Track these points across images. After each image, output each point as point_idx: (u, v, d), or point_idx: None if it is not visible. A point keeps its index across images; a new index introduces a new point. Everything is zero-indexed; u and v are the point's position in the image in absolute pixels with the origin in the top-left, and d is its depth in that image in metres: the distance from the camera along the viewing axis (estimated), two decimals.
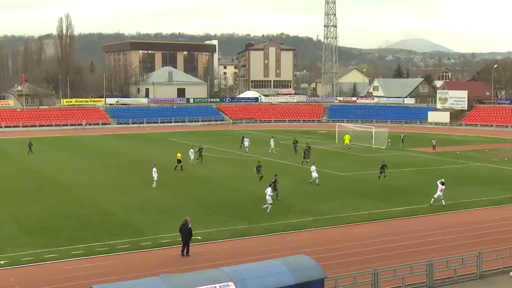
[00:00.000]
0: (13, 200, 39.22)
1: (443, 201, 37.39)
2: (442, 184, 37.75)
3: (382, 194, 41.29)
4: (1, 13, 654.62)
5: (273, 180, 39.91)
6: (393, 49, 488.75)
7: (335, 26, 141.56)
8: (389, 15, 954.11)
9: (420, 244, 28.54)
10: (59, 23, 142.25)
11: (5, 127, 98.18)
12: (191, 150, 56.02)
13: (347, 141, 71.38)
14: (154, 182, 43.51)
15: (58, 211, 35.70)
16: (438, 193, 37.31)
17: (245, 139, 67.68)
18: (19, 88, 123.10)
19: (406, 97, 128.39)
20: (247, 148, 65.95)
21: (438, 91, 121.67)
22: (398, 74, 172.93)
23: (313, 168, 45.82)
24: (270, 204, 35.29)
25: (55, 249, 27.54)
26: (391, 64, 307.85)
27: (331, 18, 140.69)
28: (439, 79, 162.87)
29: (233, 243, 29.15)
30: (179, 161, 51.97)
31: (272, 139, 66.84)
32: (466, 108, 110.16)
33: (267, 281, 17.82)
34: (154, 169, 44.18)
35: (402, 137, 74.44)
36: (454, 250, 26.65)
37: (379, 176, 47.71)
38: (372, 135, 73.72)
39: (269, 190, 36.04)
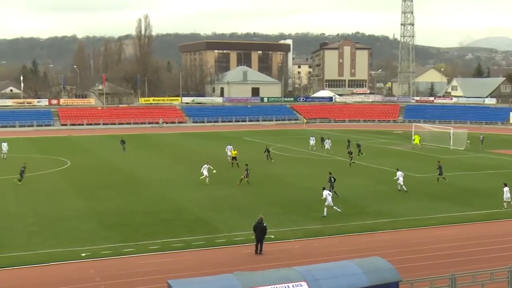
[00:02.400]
0: (94, 195, 40.60)
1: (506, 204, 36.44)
2: (505, 185, 36.86)
3: (460, 197, 40.09)
4: (83, 15, 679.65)
5: (330, 178, 39.79)
6: (473, 47, 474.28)
7: (412, 25, 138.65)
8: (469, 12, 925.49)
9: (501, 250, 27.50)
10: (138, 24, 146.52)
11: (87, 124, 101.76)
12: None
13: (416, 141, 70.26)
14: (207, 178, 44.28)
15: (135, 206, 36.68)
16: (507, 194, 36.29)
17: (326, 140, 66.65)
18: (100, 87, 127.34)
19: (486, 97, 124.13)
20: (329, 150, 64.67)
21: None
22: (478, 73, 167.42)
23: (399, 173, 42.70)
24: (332, 206, 34.25)
25: (132, 243, 28.30)
26: (470, 63, 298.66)
27: (408, 16, 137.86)
28: None
29: (306, 242, 29.05)
30: (234, 158, 53.45)
31: (327, 140, 65.66)
32: None
33: (340, 282, 17.61)
34: (205, 166, 45.12)
35: (481, 138, 72.04)
36: None
37: (438, 178, 45.82)
38: (450, 136, 71.73)
39: (325, 193, 34.63)
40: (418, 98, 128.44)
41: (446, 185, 44.44)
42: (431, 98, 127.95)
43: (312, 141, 67.83)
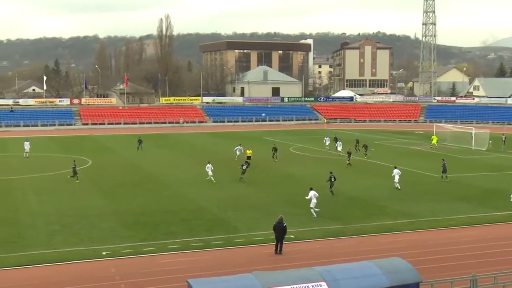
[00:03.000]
0: (114, 194, 40.94)
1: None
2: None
3: (481, 198, 39.69)
4: (104, 15, 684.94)
5: (330, 177, 40.42)
6: (495, 47, 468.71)
7: (434, 24, 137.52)
8: (492, 11, 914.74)
9: None
10: (159, 24, 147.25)
11: (108, 124, 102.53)
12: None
13: (434, 141, 70.20)
14: (211, 177, 44.83)
15: (155, 205, 36.90)
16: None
17: (338, 142, 66.56)
18: (121, 86, 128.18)
19: (509, 97, 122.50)
20: (340, 151, 64.89)
21: None
22: (501, 73, 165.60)
23: (395, 171, 43.23)
24: (312, 208, 34.07)
25: (152, 242, 28.48)
26: (493, 62, 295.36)
27: (430, 15, 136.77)
28: None
29: (326, 243, 28.99)
30: (249, 157, 53.51)
31: (339, 142, 65.27)
32: None
33: (360, 282, 17.55)
34: (208, 165, 45.68)
35: (503, 139, 71.22)
36: None
37: (442, 176, 46.67)
38: (472, 137, 71.06)
39: (312, 194, 34.53)
40: (439, 98, 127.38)
41: (468, 186, 43.99)
42: (453, 98, 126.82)
43: (327, 142, 67.88)
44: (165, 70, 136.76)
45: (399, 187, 42.20)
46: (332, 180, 40.49)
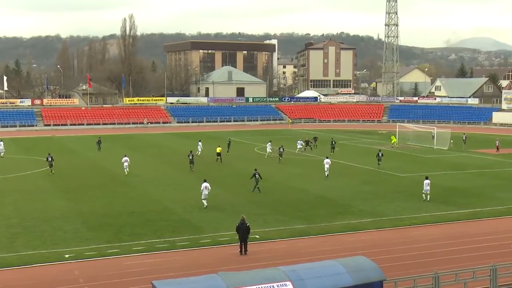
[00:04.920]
0: (78, 195, 40.39)
1: (428, 195, 38.57)
2: (426, 178, 39.16)
3: (443, 196, 40.39)
4: (67, 15, 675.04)
5: (254, 174, 41.41)
6: (456, 48, 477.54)
7: (397, 25, 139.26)
8: (453, 12, 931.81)
9: (483, 248, 27.81)
10: (123, 24, 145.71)
11: (71, 125, 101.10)
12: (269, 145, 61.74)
13: (393, 141, 71.54)
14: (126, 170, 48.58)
15: (120, 207, 36.57)
16: (426, 187, 38.55)
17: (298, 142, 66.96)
18: (84, 87, 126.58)
19: (469, 97, 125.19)
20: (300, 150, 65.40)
21: (503, 91, 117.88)
22: (462, 73, 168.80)
23: (326, 161, 48.76)
24: (203, 199, 36.19)
25: (117, 244, 28.22)
26: (454, 63, 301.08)
27: (393, 16, 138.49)
28: (504, 79, 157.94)
29: (291, 242, 29.14)
30: (218, 154, 57.08)
31: (269, 143, 63.84)
32: None
33: (325, 281, 17.70)
34: (125, 158, 49.62)
35: (464, 138, 72.59)
36: None
37: (379, 164, 53.04)
38: (433, 136, 72.29)
39: (204, 185, 36.35)
40: (402, 98, 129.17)
41: (431, 185, 44.63)
42: (415, 98, 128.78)
43: (299, 145, 67.39)
44: (129, 70, 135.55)
45: (326, 175, 47.66)
46: (257, 177, 41.31)
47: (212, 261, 25.84)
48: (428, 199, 38.35)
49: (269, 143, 62.41)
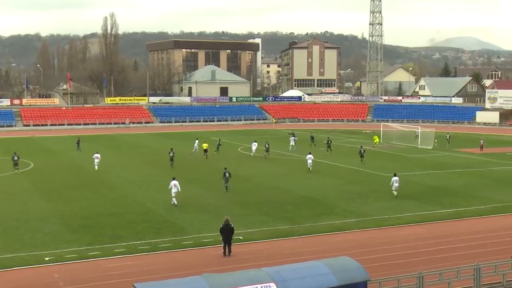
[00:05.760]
0: (58, 196, 40.07)
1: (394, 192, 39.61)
2: (395, 175, 40.21)
3: (428, 196, 40.66)
4: (46, 13, 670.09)
5: (224, 173, 41.76)
6: (440, 47, 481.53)
7: (381, 24, 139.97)
8: (437, 12, 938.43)
9: (467, 248, 28.02)
10: (104, 22, 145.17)
11: (51, 125, 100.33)
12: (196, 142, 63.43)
13: (376, 140, 72.06)
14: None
15: (101, 208, 36.33)
16: (395, 184, 39.67)
17: (292, 137, 68.11)
18: (64, 86, 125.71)
19: (453, 96, 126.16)
20: (293, 147, 66.00)
21: (487, 90, 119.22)
22: (446, 73, 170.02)
23: (308, 156, 51.23)
24: (172, 197, 36.75)
25: (98, 246, 28.02)
26: (438, 62, 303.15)
27: (377, 16, 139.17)
28: (488, 78, 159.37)
29: (275, 243, 29.14)
30: (205, 150, 59.39)
31: (255, 143, 63.19)
32: None
33: (309, 282, 17.72)
34: (96, 155, 51.59)
35: (448, 137, 73.16)
36: (503, 254, 25.99)
37: (361, 160, 55.09)
38: (418, 135, 72.74)
39: (172, 183, 36.94)
40: (386, 97, 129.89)
41: (415, 185, 44.98)
42: (399, 98, 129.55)
43: (292, 141, 68.05)
44: (110, 70, 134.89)
45: (309, 168, 50.33)
46: (227, 176, 41.51)
47: (195, 262, 25.76)
48: (396, 196, 39.48)
49: (255, 142, 62.51)
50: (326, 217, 34.17)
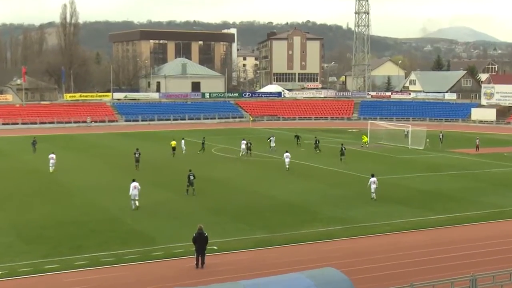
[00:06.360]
0: (11, 204, 39.63)
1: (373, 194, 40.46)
2: (372, 176, 41.19)
3: (419, 201, 41.00)
4: None
5: (189, 176, 42.17)
6: (432, 38, 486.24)
7: (368, 13, 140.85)
8: (428, 0, 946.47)
9: (463, 257, 28.27)
10: (63, 10, 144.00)
11: (3, 124, 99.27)
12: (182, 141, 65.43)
13: (364, 140, 73.00)
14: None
15: (60, 216, 36.01)
16: (373, 185, 40.48)
17: (271, 138, 68.31)
18: (18, 81, 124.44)
19: (446, 92, 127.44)
20: (273, 148, 66.12)
21: (483, 85, 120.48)
22: (438, 66, 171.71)
23: (285, 155, 53.48)
24: (133, 200, 37.48)
25: (56, 258, 27.76)
26: (429, 55, 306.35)
27: (363, 4, 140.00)
28: (484, 72, 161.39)
29: (253, 253, 29.15)
30: (174, 148, 62.38)
31: (243, 141, 64.35)
32: None
33: None
34: (52, 155, 52.37)
35: (441, 137, 73.81)
36: (500, 264, 26.33)
37: (341, 159, 57.31)
38: (408, 135, 73.26)
39: (133, 185, 37.65)
40: (374, 93, 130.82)
41: (405, 188, 45.32)
42: (388, 93, 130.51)
43: (272, 142, 68.23)
44: (70, 63, 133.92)
45: (287, 167, 52.34)
46: (191, 178, 41.98)
47: (165, 275, 25.67)
48: (375, 198, 40.20)
49: (244, 141, 63.84)
50: (308, 225, 34.25)
